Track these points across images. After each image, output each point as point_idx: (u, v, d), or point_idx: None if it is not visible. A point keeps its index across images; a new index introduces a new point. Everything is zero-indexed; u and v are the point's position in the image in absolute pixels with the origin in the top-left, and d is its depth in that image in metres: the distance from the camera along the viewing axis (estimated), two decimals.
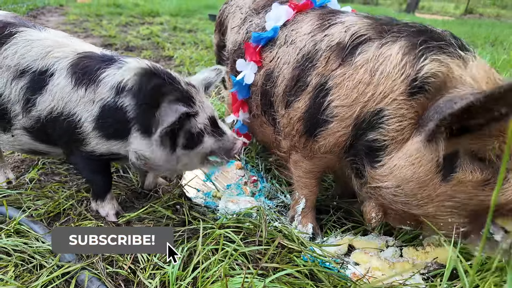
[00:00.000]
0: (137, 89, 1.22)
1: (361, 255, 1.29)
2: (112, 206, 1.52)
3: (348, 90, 1.17)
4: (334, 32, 1.29)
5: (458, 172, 1.00)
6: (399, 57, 1.10)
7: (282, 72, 1.40)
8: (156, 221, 1.49)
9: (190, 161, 1.35)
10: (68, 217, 1.51)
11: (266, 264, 1.09)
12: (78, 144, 1.31)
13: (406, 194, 1.08)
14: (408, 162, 1.06)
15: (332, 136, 1.23)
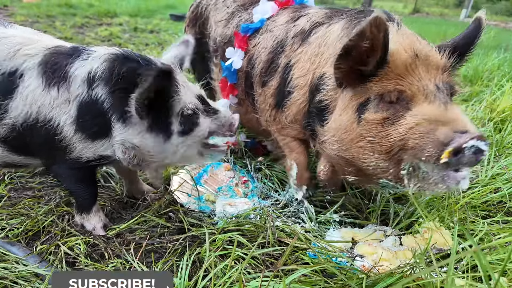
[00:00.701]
0: (108, 75, 1.11)
1: (365, 247, 1.30)
2: (99, 218, 1.41)
3: (304, 63, 1.39)
4: (300, 22, 1.53)
5: (365, 113, 1.12)
6: (339, 31, 1.32)
7: (260, 56, 1.60)
8: (149, 231, 1.41)
9: (189, 150, 1.22)
10: (49, 235, 1.37)
11: (284, 267, 1.06)
12: (62, 152, 1.18)
13: (337, 141, 1.21)
14: (337, 114, 1.21)
15: (295, 106, 1.42)
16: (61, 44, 1.23)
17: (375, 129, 1.10)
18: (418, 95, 1.07)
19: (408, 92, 1.07)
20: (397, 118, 1.07)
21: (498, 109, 2.45)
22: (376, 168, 1.14)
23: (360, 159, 1.16)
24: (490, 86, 2.96)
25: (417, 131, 1.02)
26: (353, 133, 1.15)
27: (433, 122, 1.01)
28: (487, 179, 1.66)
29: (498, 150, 1.93)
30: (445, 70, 1.13)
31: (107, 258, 1.26)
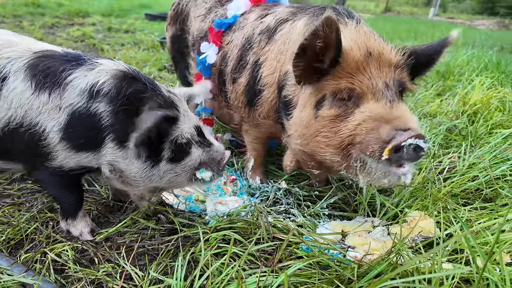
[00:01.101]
0: (115, 93, 1.08)
1: (356, 238, 1.34)
2: (86, 223, 1.37)
3: (271, 61, 1.42)
4: (267, 20, 1.56)
5: (321, 110, 1.18)
6: (302, 27, 1.35)
7: (232, 53, 1.64)
8: (139, 234, 1.38)
9: (177, 177, 1.21)
10: (33, 242, 1.31)
11: (282, 264, 1.07)
12: (43, 159, 1.13)
13: (299, 136, 1.26)
14: (299, 110, 1.26)
15: (266, 102, 1.46)
16: (50, 48, 1.18)
17: (328, 124, 1.16)
18: (367, 93, 1.12)
19: (358, 90, 1.13)
20: (347, 114, 1.13)
21: (470, 102, 2.58)
22: (332, 162, 1.20)
23: (318, 152, 1.22)
24: (461, 81, 3.11)
25: (363, 127, 1.08)
26: (311, 129, 1.20)
27: (378, 120, 1.07)
28: (464, 168, 1.75)
29: (473, 140, 2.03)
30: (397, 68, 1.18)
31: (97, 263, 1.23)
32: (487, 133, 2.21)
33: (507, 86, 3.11)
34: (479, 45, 5.56)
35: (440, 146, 1.97)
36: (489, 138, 2.10)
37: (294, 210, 1.51)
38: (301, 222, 1.42)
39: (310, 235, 1.28)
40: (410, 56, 1.19)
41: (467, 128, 2.24)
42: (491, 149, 1.89)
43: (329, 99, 1.17)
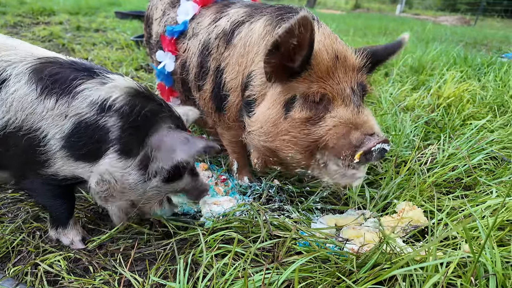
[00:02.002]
0: (128, 111, 1.07)
1: (350, 231, 1.37)
2: (77, 231, 1.32)
3: (233, 66, 1.41)
4: (221, 23, 1.53)
5: (292, 111, 1.20)
6: (261, 29, 1.35)
7: (192, 62, 1.62)
8: (133, 239, 1.35)
9: (157, 196, 1.21)
10: (21, 254, 1.25)
11: (286, 259, 1.09)
12: (38, 166, 1.09)
13: (264, 133, 1.27)
14: (265, 108, 1.27)
15: (233, 106, 1.47)
16: (53, 54, 1.14)
17: (299, 126, 1.19)
18: (337, 98, 1.17)
19: (329, 95, 1.17)
20: (318, 118, 1.17)
21: (444, 95, 2.71)
22: (293, 159, 1.25)
23: (282, 150, 1.25)
24: (434, 75, 3.26)
25: (335, 133, 1.15)
26: (279, 127, 1.23)
27: (348, 125, 1.14)
28: (444, 159, 1.84)
29: (450, 132, 2.13)
30: (360, 71, 1.24)
31: (92, 272, 1.19)
32: (461, 125, 2.34)
33: (475, 79, 3.30)
34: (446, 40, 5.84)
35: (420, 139, 2.06)
36: (463, 129, 2.22)
37: (288, 206, 1.53)
38: (296, 218, 1.44)
39: (307, 230, 1.31)
40: (369, 58, 1.25)
41: (443, 120, 2.36)
42: (467, 140, 2.00)
43: (299, 100, 1.19)
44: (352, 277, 1.06)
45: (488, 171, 1.81)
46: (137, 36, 4.79)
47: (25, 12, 6.94)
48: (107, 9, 8.21)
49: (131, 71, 3.59)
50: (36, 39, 4.86)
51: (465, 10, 15.72)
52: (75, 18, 6.78)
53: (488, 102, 2.68)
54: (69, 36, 5.28)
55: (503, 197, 1.45)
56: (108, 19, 7.03)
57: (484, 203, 1.39)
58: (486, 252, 1.06)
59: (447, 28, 9.31)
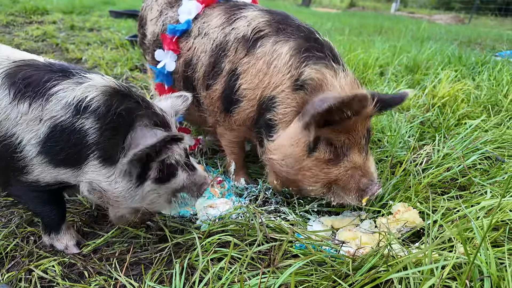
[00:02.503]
0: (104, 111, 1.03)
1: (346, 233, 1.38)
2: (71, 236, 1.31)
3: (252, 76, 1.44)
4: (239, 25, 1.53)
5: (316, 152, 1.34)
6: (287, 57, 1.39)
7: (201, 60, 1.61)
8: (129, 243, 1.34)
9: (158, 198, 1.17)
10: (15, 260, 1.24)
11: (281, 264, 1.08)
12: (18, 172, 1.06)
13: (287, 165, 1.40)
14: (289, 142, 1.37)
15: (243, 112, 1.50)
16: (31, 57, 1.10)
17: (321, 165, 1.35)
18: (354, 147, 1.35)
19: (351, 143, 1.34)
20: (338, 161, 1.35)
21: (439, 95, 2.73)
22: (311, 190, 1.43)
23: (302, 182, 1.41)
24: (428, 75, 3.27)
25: (348, 175, 1.35)
26: (302, 164, 1.36)
27: (358, 170, 1.36)
28: (439, 159, 1.85)
29: (445, 132, 2.15)
30: (369, 117, 1.38)
31: (87, 277, 1.18)
32: (456, 124, 2.35)
33: (469, 78, 3.31)
34: (440, 39, 5.87)
35: (415, 139, 2.07)
36: (458, 129, 2.23)
37: (284, 208, 1.53)
38: (293, 221, 1.44)
39: (303, 232, 1.31)
40: (378, 105, 1.36)
41: (437, 120, 2.37)
42: (462, 140, 2.01)
43: (323, 142, 1.33)
44: (348, 280, 1.06)
45: (483, 171, 1.82)
46: (132, 35, 4.75)
47: (18, 11, 6.86)
48: (101, 8, 8.15)
49: (126, 71, 3.56)
50: (29, 39, 4.81)
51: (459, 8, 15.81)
52: (69, 17, 6.72)
53: (482, 101, 2.69)
54: (62, 36, 5.24)
55: (498, 197, 1.46)
56: (102, 18, 6.97)
57: (479, 204, 1.40)
58: (481, 253, 1.07)
59: (441, 26, 9.35)
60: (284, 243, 1.00)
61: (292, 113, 1.39)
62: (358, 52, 3.74)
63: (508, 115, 2.46)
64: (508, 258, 1.07)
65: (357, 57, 3.54)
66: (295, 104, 1.38)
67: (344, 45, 4.15)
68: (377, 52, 3.86)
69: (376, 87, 2.96)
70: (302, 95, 1.37)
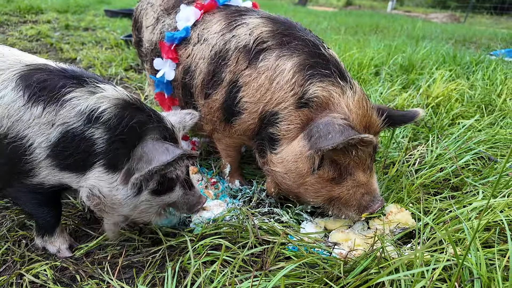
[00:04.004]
0: (115, 123, 1.05)
1: (339, 234, 1.38)
2: (64, 239, 1.30)
3: (253, 90, 1.41)
4: (240, 33, 1.47)
5: (320, 170, 1.33)
6: (291, 75, 1.35)
7: (199, 67, 1.56)
8: (121, 247, 1.34)
9: (148, 209, 1.18)
10: (6, 264, 1.23)
11: (273, 267, 1.09)
12: (22, 175, 1.07)
13: (289, 179, 1.40)
14: (293, 158, 1.36)
15: (244, 124, 1.48)
16: (43, 61, 1.12)
17: (323, 183, 1.35)
18: (359, 166, 1.34)
19: (355, 164, 1.33)
20: (341, 180, 1.35)
21: (433, 95, 2.73)
22: (311, 202, 1.44)
23: (303, 195, 1.42)
24: (423, 74, 3.28)
25: (352, 193, 1.36)
26: (305, 179, 1.36)
27: (362, 188, 1.35)
28: (433, 160, 1.86)
29: (438, 132, 2.15)
30: (377, 133, 1.38)
31: (79, 281, 1.18)
32: (450, 124, 2.36)
33: (463, 78, 3.33)
34: (435, 38, 5.88)
35: (409, 139, 2.07)
36: (452, 128, 2.24)
37: (278, 210, 1.53)
38: (287, 223, 1.44)
39: (296, 234, 1.31)
40: (386, 121, 1.38)
41: (431, 120, 2.38)
42: (455, 140, 2.02)
43: (327, 161, 1.32)
44: (340, 283, 1.07)
45: (476, 171, 1.83)
46: (127, 35, 4.73)
47: (12, 10, 6.80)
48: (96, 7, 8.10)
49: (121, 71, 3.55)
50: (23, 38, 4.77)
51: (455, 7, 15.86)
52: (63, 17, 6.67)
53: (476, 101, 2.71)
54: (57, 35, 5.20)
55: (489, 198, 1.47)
56: (97, 17, 6.94)
57: (471, 204, 1.41)
58: (472, 255, 1.07)
59: (437, 25, 9.38)
60: (276, 246, 1.00)
61: (296, 130, 1.36)
62: (353, 51, 3.74)
63: (501, 114, 2.48)
64: (498, 259, 1.08)
65: (352, 57, 3.55)
66: (299, 121, 1.35)
67: (340, 45, 4.16)
68: (372, 51, 3.86)
69: (370, 87, 2.96)
70: (306, 113, 1.34)
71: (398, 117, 1.44)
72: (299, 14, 10.20)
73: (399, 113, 1.45)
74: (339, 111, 1.31)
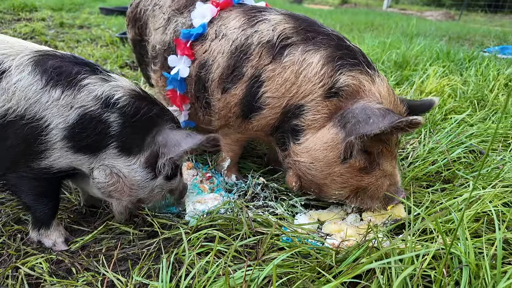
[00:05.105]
0: (132, 111, 1.16)
1: (332, 226, 1.40)
2: (59, 233, 1.31)
3: (278, 85, 1.40)
4: (262, 29, 1.47)
5: (351, 159, 1.33)
6: (319, 67, 1.36)
7: (217, 61, 1.54)
8: (117, 240, 1.35)
9: (160, 193, 1.32)
10: (1, 257, 1.24)
11: (266, 257, 1.10)
12: (33, 157, 1.11)
13: (316, 169, 1.39)
14: (322, 147, 1.35)
15: (264, 119, 1.48)
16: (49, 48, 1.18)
17: (354, 173, 1.35)
18: (388, 155, 1.37)
19: (385, 152, 1.36)
20: (371, 169, 1.36)
21: (426, 90, 2.76)
22: (337, 194, 1.43)
23: (329, 186, 1.41)
24: (417, 70, 3.31)
25: (380, 183, 1.38)
26: (333, 169, 1.35)
27: (388, 178, 1.38)
28: (425, 153, 1.88)
29: (431, 126, 2.18)
30: None
31: (75, 273, 1.19)
32: (443, 119, 2.39)
33: (457, 74, 3.36)
34: (430, 35, 5.92)
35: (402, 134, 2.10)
36: (444, 123, 2.27)
37: (272, 202, 1.55)
38: (281, 215, 1.46)
39: (290, 226, 1.33)
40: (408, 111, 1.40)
41: (424, 115, 2.41)
42: (447, 134, 2.05)
43: (359, 150, 1.32)
44: (332, 272, 1.09)
45: (467, 164, 1.86)
46: (122, 32, 4.72)
47: (6, 8, 6.74)
48: (91, 5, 8.06)
49: (116, 68, 3.54)
50: (17, 36, 4.72)
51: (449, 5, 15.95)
52: (58, 14, 6.64)
53: (469, 96, 2.74)
54: (52, 33, 5.17)
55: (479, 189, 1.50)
56: (92, 15, 6.90)
57: (461, 196, 1.43)
58: (461, 244, 1.10)
59: (432, 23, 9.43)
60: (269, 236, 1.02)
61: (323, 119, 1.37)
62: None
63: (493, 109, 2.51)
64: (486, 247, 1.10)
65: None
66: (327, 110, 1.36)
67: None
68: (367, 48, 3.89)
69: None
70: (335, 102, 1.35)
71: (416, 107, 1.46)
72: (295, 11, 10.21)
73: (416, 103, 1.48)
74: (371, 97, 1.32)
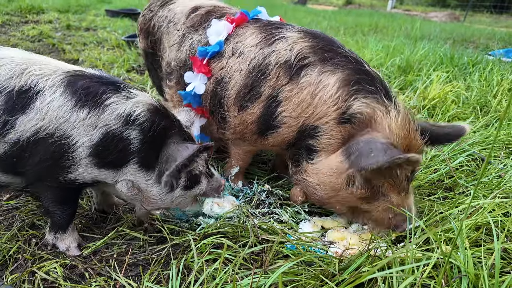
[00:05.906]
0: (148, 126, 1.21)
1: (335, 233, 1.44)
2: (73, 238, 1.37)
3: (294, 105, 1.43)
4: (279, 48, 1.49)
5: (354, 187, 1.35)
6: (334, 89, 1.36)
7: (234, 78, 1.57)
8: (127, 245, 1.40)
9: (185, 200, 1.39)
10: (18, 262, 1.29)
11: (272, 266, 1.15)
12: (59, 170, 1.18)
13: (321, 191, 1.44)
14: (329, 172, 1.39)
15: (280, 137, 1.52)
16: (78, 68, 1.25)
17: (356, 199, 1.37)
18: (395, 188, 1.33)
19: (390, 186, 1.33)
20: (373, 199, 1.36)
21: (429, 96, 2.79)
22: (340, 211, 1.49)
23: (333, 206, 1.48)
24: (420, 76, 3.33)
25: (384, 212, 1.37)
26: (338, 193, 1.39)
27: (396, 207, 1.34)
28: (427, 161, 1.92)
29: None
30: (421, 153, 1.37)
31: (88, 278, 1.24)
32: None
33: (460, 79, 3.38)
34: (434, 38, 5.93)
35: None
36: None
37: (277, 209, 1.59)
38: (285, 223, 1.50)
39: (294, 234, 1.37)
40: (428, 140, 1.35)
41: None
42: None
43: (361, 180, 1.33)
44: (335, 279, 1.13)
45: (469, 172, 1.89)
46: (129, 36, 4.78)
47: (13, 10, 6.84)
48: (97, 6, 8.14)
49: (123, 72, 3.60)
50: (25, 39, 4.82)
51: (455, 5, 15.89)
52: (64, 17, 6.72)
53: (472, 102, 2.76)
54: (59, 36, 5.25)
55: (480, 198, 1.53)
56: (98, 17, 6.97)
57: (462, 205, 1.47)
58: (460, 253, 1.13)
59: (436, 24, 9.41)
60: (274, 244, 1.06)
61: (337, 144, 1.38)
62: None
63: (496, 116, 2.53)
64: (485, 257, 1.13)
65: None
66: (340, 136, 1.37)
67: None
68: (371, 53, 3.92)
69: None
70: (348, 129, 1.36)
71: (443, 135, 1.39)
72: (299, 13, 10.23)
73: (444, 131, 1.40)
74: (380, 130, 1.31)
